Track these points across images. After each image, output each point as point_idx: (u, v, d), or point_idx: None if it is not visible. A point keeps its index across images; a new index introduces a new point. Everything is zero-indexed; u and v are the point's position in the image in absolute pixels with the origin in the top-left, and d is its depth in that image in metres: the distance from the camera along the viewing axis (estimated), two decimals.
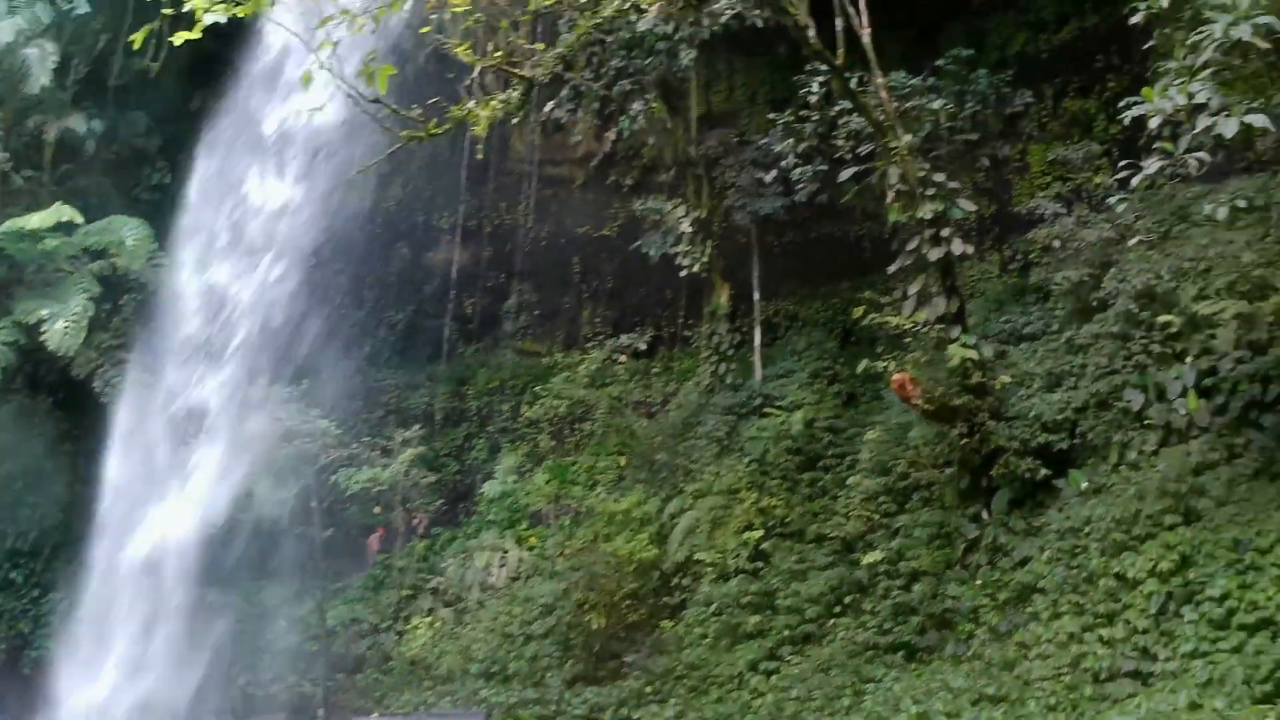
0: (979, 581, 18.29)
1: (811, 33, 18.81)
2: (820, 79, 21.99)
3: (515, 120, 21.36)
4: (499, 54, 18.80)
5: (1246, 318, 17.70)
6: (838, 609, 20.17)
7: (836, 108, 22.25)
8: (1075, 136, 25.42)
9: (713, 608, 22.12)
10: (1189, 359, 17.98)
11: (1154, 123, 13.27)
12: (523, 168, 34.25)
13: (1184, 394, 17.53)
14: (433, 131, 17.35)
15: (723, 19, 20.21)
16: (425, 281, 35.46)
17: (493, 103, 18.60)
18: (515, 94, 19.45)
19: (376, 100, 15.74)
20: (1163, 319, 18.66)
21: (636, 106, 27.28)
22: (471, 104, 18.26)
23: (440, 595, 28.24)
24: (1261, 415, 16.46)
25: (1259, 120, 12.56)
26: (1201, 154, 13.23)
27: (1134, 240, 19.10)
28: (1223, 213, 14.52)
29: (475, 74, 19.43)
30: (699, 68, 28.92)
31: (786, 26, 18.91)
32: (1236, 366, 17.22)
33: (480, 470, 32.54)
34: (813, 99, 22.56)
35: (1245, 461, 16.18)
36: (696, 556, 23.37)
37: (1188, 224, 20.45)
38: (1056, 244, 22.20)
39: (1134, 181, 14.13)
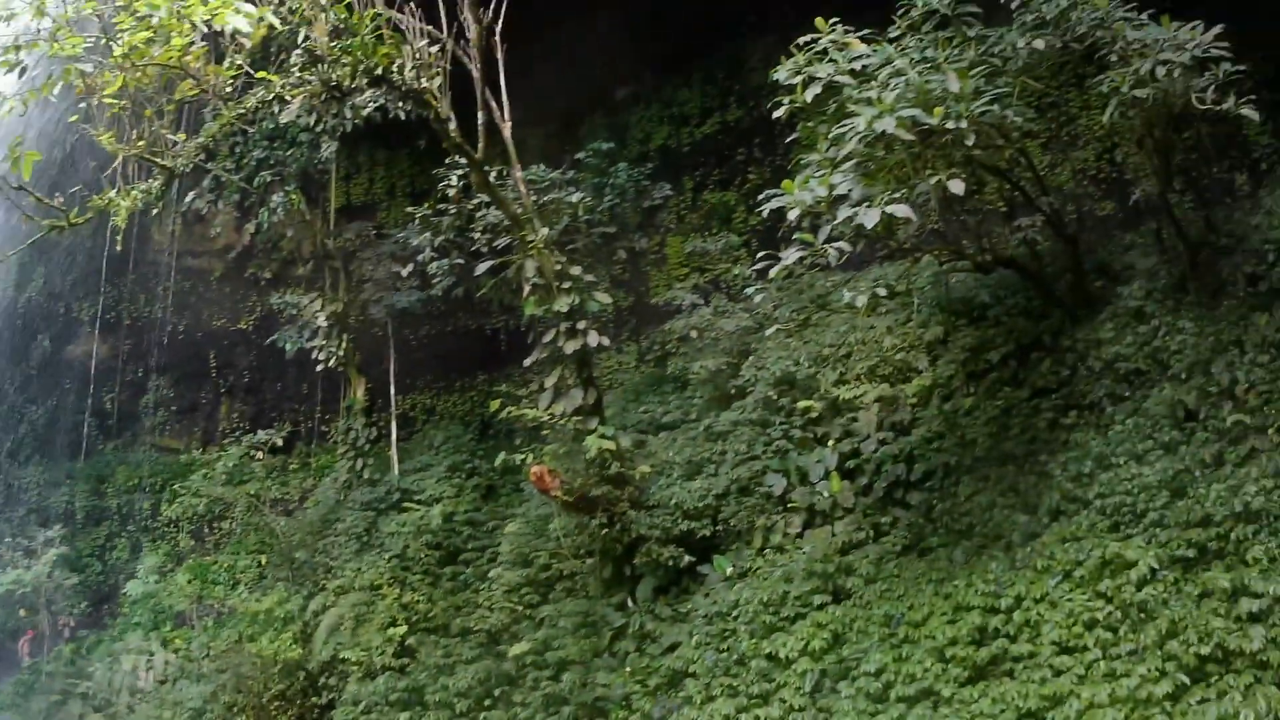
0: (629, 669, 18.23)
1: (453, 125, 18.88)
2: (459, 172, 22.19)
3: (155, 211, 20.76)
4: (141, 142, 18.26)
5: (888, 400, 18.44)
6: (488, 701, 19.87)
7: (475, 201, 22.47)
8: (715, 229, 26.18)
9: (361, 706, 21.49)
10: (830, 442, 18.53)
11: (793, 215, 13.55)
12: (163, 259, 33.40)
13: (826, 476, 18.00)
14: (74, 221, 16.87)
15: (365, 111, 20.15)
16: (65, 375, 34.28)
17: (134, 192, 18.10)
18: (156, 184, 18.92)
19: (20, 187, 15.13)
20: (803, 404, 19.26)
21: (276, 198, 26.96)
22: (113, 193, 17.77)
23: (90, 700, 26.99)
24: (907, 494, 17.02)
25: (901, 210, 12.92)
26: (842, 244, 13.47)
27: (772, 329, 19.73)
28: (861, 300, 14.72)
29: (118, 162, 18.81)
30: (340, 160, 28.84)
31: (429, 119, 18.95)
32: (880, 448, 17.83)
33: (123, 570, 31.77)
34: (451, 192, 22.76)
35: (893, 539, 16.61)
36: (342, 655, 22.71)
37: (828, 311, 21.28)
38: (694, 334, 22.75)
39: (772, 272, 14.24)
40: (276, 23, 14.25)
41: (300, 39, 17.68)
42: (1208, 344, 15.05)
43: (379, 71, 17.80)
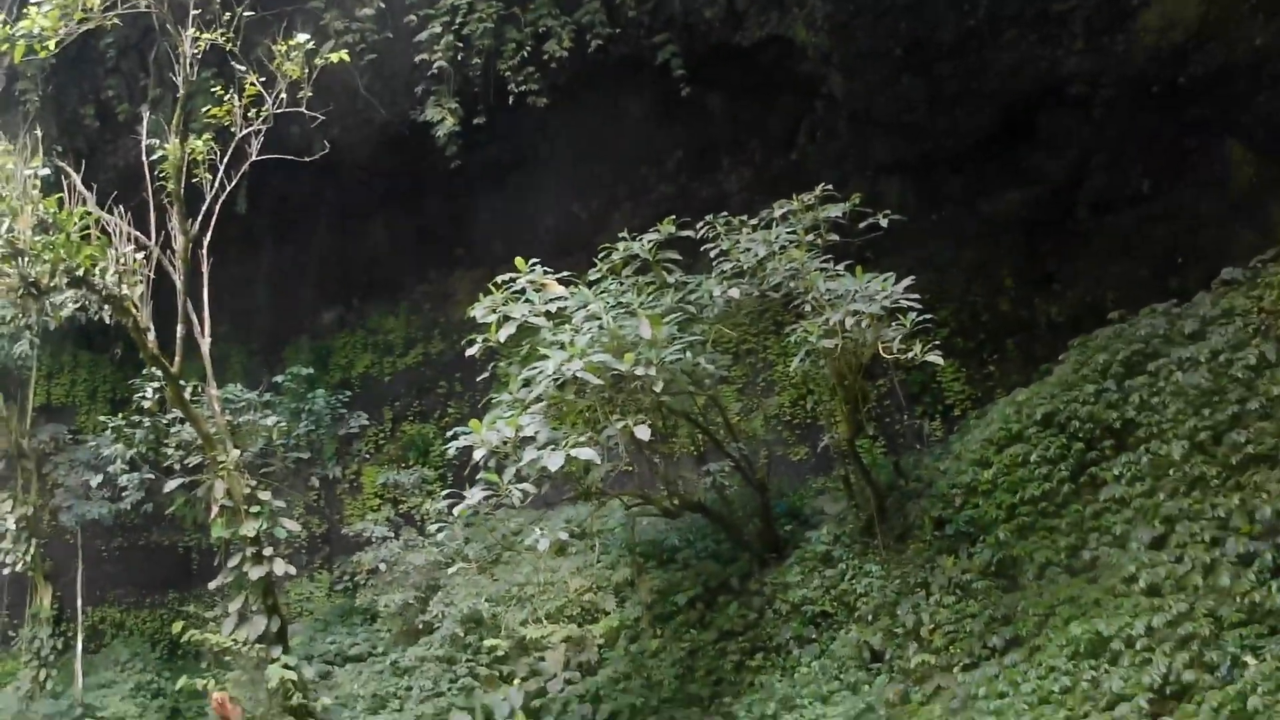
0: None
1: (151, 336, 18.33)
2: (155, 384, 21.56)
3: None
4: None
5: (576, 640, 18.33)
6: None
7: (170, 415, 21.84)
8: (412, 460, 25.99)
9: None
10: (516, 681, 18.29)
11: (478, 454, 13.41)
12: None
13: (511, 715, 17.66)
14: None
15: (63, 312, 19.47)
16: None
17: None
18: None
19: None
20: (489, 642, 19.01)
21: None
22: None
23: None
24: None
25: (585, 453, 12.97)
26: (527, 485, 13.38)
27: (455, 566, 19.51)
28: (544, 544, 14.66)
29: None
30: (43, 357, 27.77)
31: (127, 326, 18.38)
32: (566, 687, 17.68)
33: None
34: (146, 404, 22.09)
35: None
36: None
37: (516, 550, 21.19)
38: (382, 566, 22.34)
39: (456, 510, 14.13)
40: None
41: (3, 229, 17.04)
42: (894, 586, 15.43)
43: (80, 272, 17.22)
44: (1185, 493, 13.56)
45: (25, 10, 16.45)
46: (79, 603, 26.97)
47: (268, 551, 18.77)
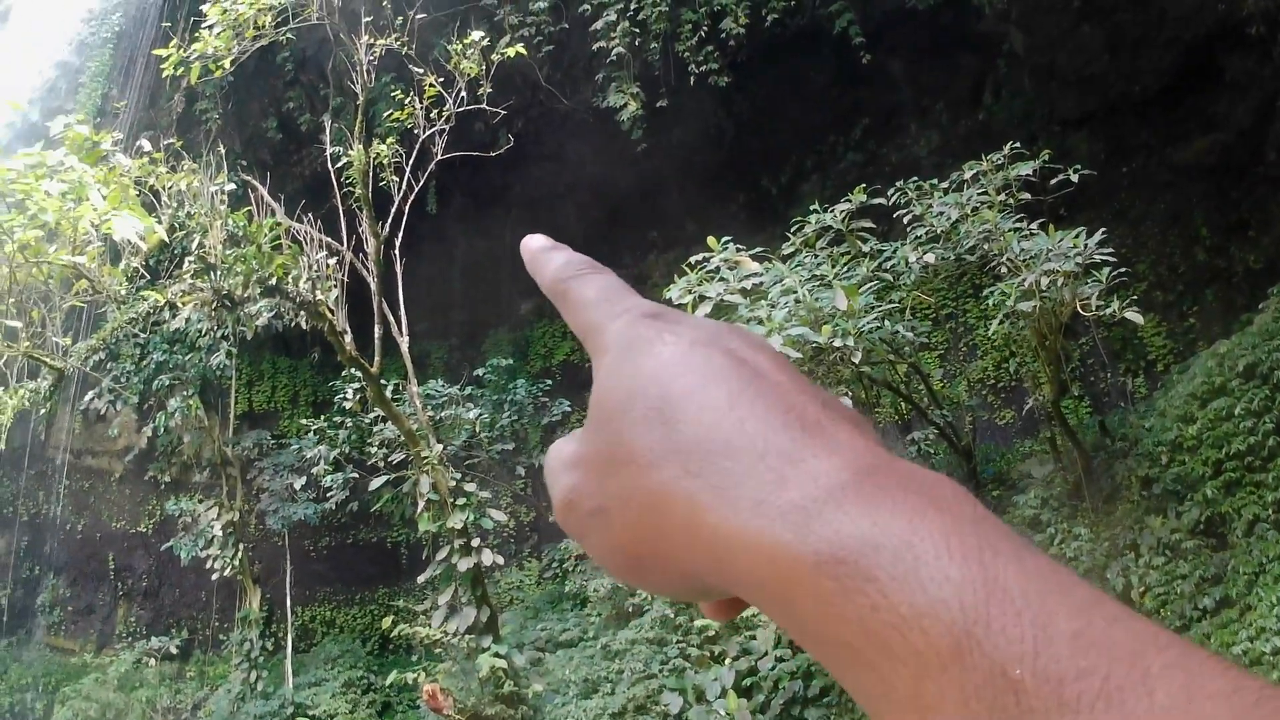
0: None
1: (348, 339, 18.72)
2: (355, 385, 21.98)
3: (43, 410, 20.39)
4: (27, 343, 17.93)
5: None
6: None
7: (372, 414, 22.24)
8: None
9: None
10: (728, 660, 18.19)
11: None
12: (60, 456, 32.70)
13: (723, 694, 17.57)
14: None
15: (258, 321, 19.97)
16: None
17: (20, 391, 17.75)
18: (45, 384, 18.60)
19: None
20: (700, 622, 19.00)
21: (174, 402, 26.56)
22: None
23: None
24: (805, 710, 16.60)
25: None
26: None
27: None
28: None
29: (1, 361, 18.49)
30: (242, 365, 28.56)
31: (323, 331, 18.77)
32: (777, 665, 17.47)
33: None
34: (348, 405, 22.51)
35: None
36: None
37: None
38: None
39: None
40: (164, 236, 14.08)
41: (195, 244, 17.53)
42: (1103, 549, 15.04)
43: (273, 282, 17.63)
44: None
45: (198, 34, 16.88)
46: (288, 603, 27.73)
47: (475, 543, 19.05)
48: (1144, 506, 15.20)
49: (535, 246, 0.95)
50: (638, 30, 20.99)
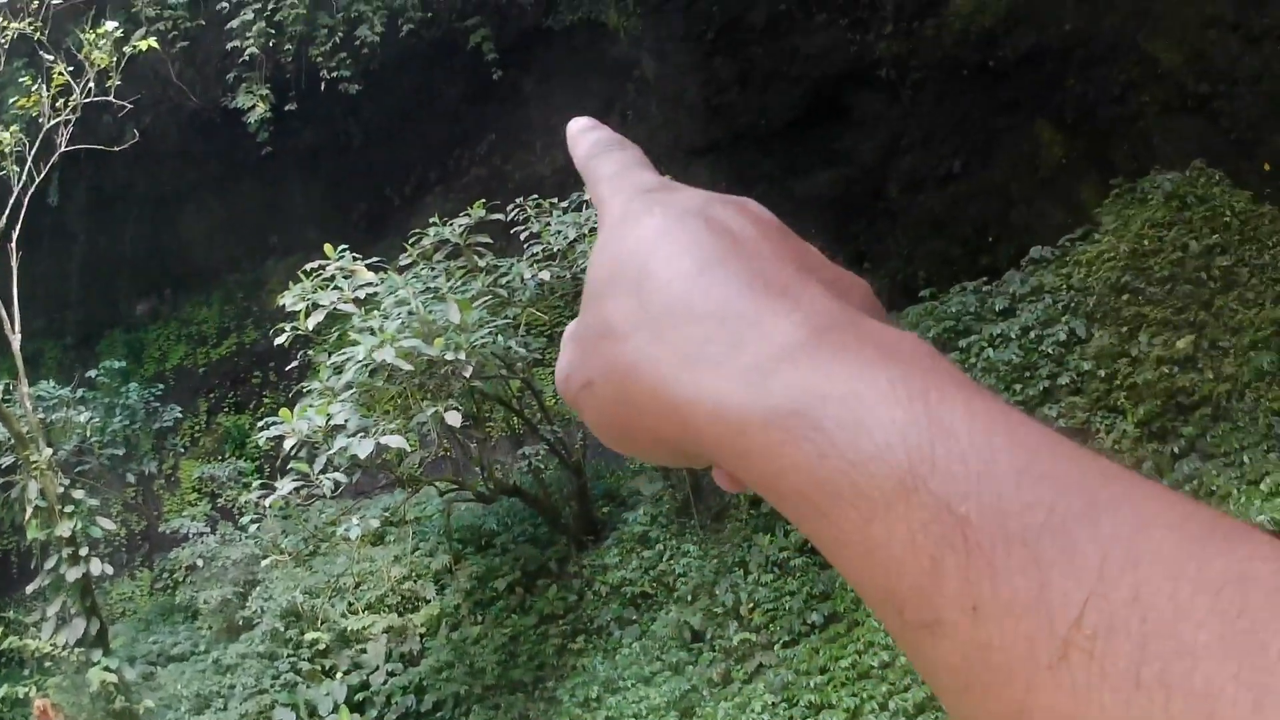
0: None
1: None
2: None
3: None
4: None
5: (397, 630, 18.16)
6: None
7: None
8: (228, 452, 25.59)
9: None
10: (339, 675, 18.07)
11: (289, 444, 13.33)
12: None
13: (335, 710, 17.44)
14: None
15: None
16: None
17: None
18: None
19: None
20: (310, 636, 18.79)
21: None
22: None
23: None
24: None
25: (395, 441, 12.95)
26: (338, 474, 13.51)
27: (268, 559, 19.22)
28: (355, 532, 14.68)
29: None
30: None
31: None
32: (389, 679, 17.49)
33: None
34: None
35: None
36: None
37: (332, 542, 20.97)
38: (200, 562, 21.91)
39: (268, 501, 14.21)
40: None
41: None
42: (712, 565, 15.55)
43: None
44: None
45: None
46: None
47: (84, 551, 18.36)
48: (752, 525, 15.77)
49: (576, 128, 0.91)
50: (274, 31, 20.70)
